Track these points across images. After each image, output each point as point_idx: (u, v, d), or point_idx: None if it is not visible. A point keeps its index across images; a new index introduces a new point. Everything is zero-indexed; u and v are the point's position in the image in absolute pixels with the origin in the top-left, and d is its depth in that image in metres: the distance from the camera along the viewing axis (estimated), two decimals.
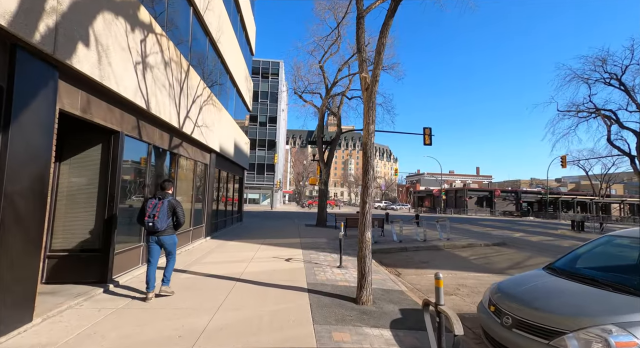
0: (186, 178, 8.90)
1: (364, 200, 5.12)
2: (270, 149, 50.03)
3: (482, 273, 7.70)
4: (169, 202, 4.63)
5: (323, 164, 18.61)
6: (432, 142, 21.49)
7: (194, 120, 8.46)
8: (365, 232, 5.07)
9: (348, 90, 18.37)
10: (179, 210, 4.71)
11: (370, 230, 5.13)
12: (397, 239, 12.15)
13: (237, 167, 16.14)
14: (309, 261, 7.94)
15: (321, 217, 18.20)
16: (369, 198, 5.12)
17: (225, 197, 14.02)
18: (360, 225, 5.12)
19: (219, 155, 11.87)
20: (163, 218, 4.49)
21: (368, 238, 5.07)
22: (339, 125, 18.96)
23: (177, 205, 4.71)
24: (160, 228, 4.48)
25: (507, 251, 10.96)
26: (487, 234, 16.61)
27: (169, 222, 4.62)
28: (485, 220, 32.04)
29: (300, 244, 10.60)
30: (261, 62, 50.17)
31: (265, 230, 14.59)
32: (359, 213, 5.19)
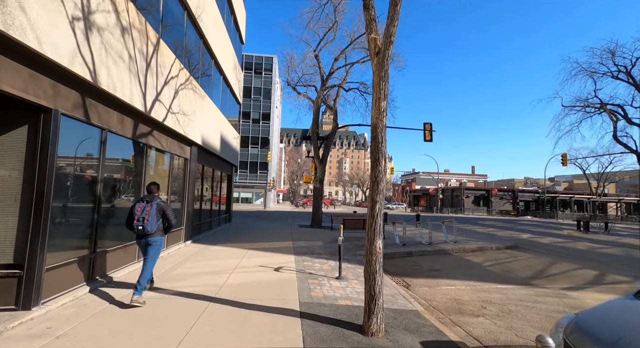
0: (159, 173, 7.64)
1: (374, 199, 3.95)
2: (263, 147, 48.66)
3: (504, 284, 6.60)
4: (158, 204, 4.60)
5: (318, 160, 17.44)
6: (432, 138, 20.49)
7: (167, 105, 7.20)
8: (375, 239, 3.91)
9: (345, 82, 17.22)
10: (169, 212, 4.67)
11: (381, 237, 3.97)
12: (400, 242, 11.04)
13: (224, 164, 14.87)
14: (303, 270, 6.76)
15: (316, 217, 17.03)
16: (380, 196, 3.95)
17: (211, 196, 12.76)
18: (369, 231, 3.96)
19: (202, 149, 10.61)
20: (152, 221, 4.46)
21: (379, 249, 3.91)
22: (335, 120, 17.79)
23: (167, 208, 4.68)
24: (150, 231, 4.44)
25: (522, 255, 9.91)
26: (493, 235, 15.62)
27: (158, 225, 4.60)
28: (485, 220, 31.21)
29: (293, 249, 9.42)
30: (254, 57, 48.72)
31: (256, 232, 13.36)
32: (368, 215, 4.02)
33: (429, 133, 20.36)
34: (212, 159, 12.49)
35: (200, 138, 9.90)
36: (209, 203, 12.61)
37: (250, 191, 49.39)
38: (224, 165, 14.89)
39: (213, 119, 11.61)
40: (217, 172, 13.77)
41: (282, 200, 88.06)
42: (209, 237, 11.24)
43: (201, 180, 11.22)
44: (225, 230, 13.65)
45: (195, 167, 9.96)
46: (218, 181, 14.10)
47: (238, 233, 12.76)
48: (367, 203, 51.63)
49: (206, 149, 10.96)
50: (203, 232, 11.47)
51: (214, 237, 11.18)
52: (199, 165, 10.89)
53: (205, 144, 10.60)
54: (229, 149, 15.07)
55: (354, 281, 6.15)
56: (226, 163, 15.16)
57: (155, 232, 4.54)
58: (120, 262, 5.84)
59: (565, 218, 40.86)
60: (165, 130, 7.50)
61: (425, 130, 20.32)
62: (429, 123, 20.45)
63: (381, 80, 3.88)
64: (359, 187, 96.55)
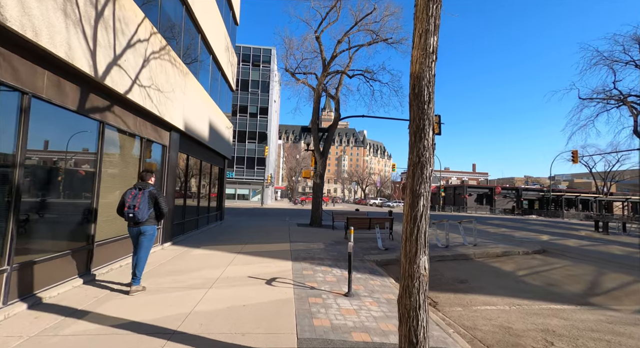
0: (126, 161, 6.19)
1: (417, 192, 2.52)
2: (260, 142, 47.12)
3: (557, 303, 5.21)
4: (150, 192, 4.52)
5: (319, 153, 16.00)
6: (441, 132, 19.09)
7: (133, 74, 5.73)
8: (418, 255, 2.49)
9: (348, 68, 15.74)
10: (161, 200, 4.60)
11: (426, 252, 2.55)
12: None
13: (215, 156, 13.40)
14: (302, 284, 5.35)
15: (316, 216, 15.62)
16: (426, 187, 2.53)
17: (198, 191, 11.31)
18: (408, 242, 2.54)
19: (186, 136, 9.15)
20: (144, 209, 4.39)
21: (424, 269, 2.49)
22: (337, 109, 16.34)
23: (159, 195, 4.61)
24: (141, 219, 4.37)
25: (557, 262, 8.54)
26: (509, 237, 14.26)
27: (150, 213, 4.52)
28: (492, 219, 29.93)
29: (291, 253, 8.02)
30: (251, 48, 47.01)
31: (249, 232, 11.94)
32: (406, 217, 2.59)
33: (438, 126, 18.96)
34: (200, 149, 11.03)
35: (182, 122, 8.43)
36: (196, 199, 11.16)
37: (247, 188, 47.91)
38: (215, 158, 13.42)
39: (199, 102, 10.14)
40: (206, 165, 12.31)
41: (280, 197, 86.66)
42: (193, 237, 9.81)
43: (185, 173, 9.78)
44: (215, 230, 12.21)
45: (177, 157, 8.50)
46: (207, 175, 12.64)
47: (228, 234, 11.33)
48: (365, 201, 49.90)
49: (191, 137, 9.50)
50: (188, 231, 10.04)
51: (199, 238, 9.75)
52: (182, 154, 9.43)
53: (190, 130, 9.14)
54: (221, 139, 13.60)
55: (368, 300, 4.75)
56: (217, 155, 13.69)
57: (147, 221, 4.49)
58: (53, 278, 4.42)
59: (571, 218, 39.69)
60: (132, 107, 6.04)
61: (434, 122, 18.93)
62: (437, 115, 19.03)
63: (431, 1, 2.45)
64: (358, 185, 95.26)
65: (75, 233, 4.81)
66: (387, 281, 5.96)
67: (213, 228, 12.53)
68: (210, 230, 12.09)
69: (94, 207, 5.11)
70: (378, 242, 9.51)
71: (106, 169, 5.42)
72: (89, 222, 5.05)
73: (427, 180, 2.52)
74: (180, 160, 9.29)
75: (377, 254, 8.40)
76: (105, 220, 5.48)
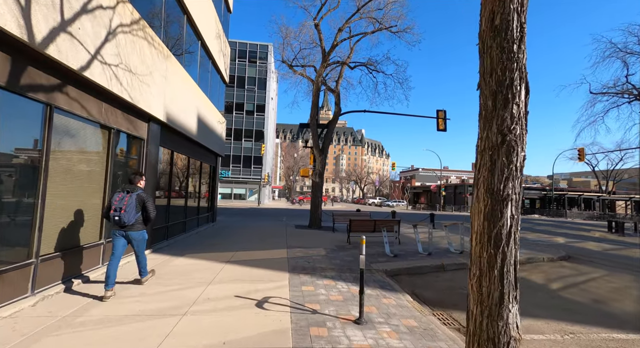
0: (87, 155, 5.12)
1: (498, 193, 1.49)
2: (257, 140, 46.01)
3: (619, 330, 4.21)
4: (138, 195, 4.43)
5: (318, 150, 14.97)
6: (446, 128, 18.14)
7: (92, 48, 4.66)
8: (505, 305, 1.45)
9: (349, 59, 14.70)
10: (149, 205, 4.54)
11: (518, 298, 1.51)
12: (425, 250, 8.67)
13: (205, 152, 12.33)
14: (301, 305, 4.32)
15: (315, 217, 14.61)
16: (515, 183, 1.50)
17: (185, 191, 10.24)
18: (482, 280, 1.51)
19: (169, 129, 8.08)
20: (130, 212, 4.28)
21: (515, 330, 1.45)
22: (338, 104, 15.31)
23: (147, 199, 4.53)
24: (127, 222, 4.25)
25: (591, 271, 7.56)
26: (523, 240, 13.31)
27: (137, 217, 4.42)
28: None
29: (288, 261, 6.99)
30: (248, 44, 45.86)
31: (243, 235, 10.90)
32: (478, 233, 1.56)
33: (443, 121, 17.99)
34: (187, 145, 9.96)
35: (163, 112, 7.37)
36: (184, 199, 10.10)
37: (244, 187, 46.83)
38: (205, 155, 12.35)
39: (186, 91, 9.07)
40: (195, 162, 11.24)
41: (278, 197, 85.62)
42: (179, 243, 8.75)
43: (169, 171, 8.71)
44: (205, 233, 11.15)
45: (157, 152, 7.43)
46: (196, 173, 11.57)
47: (219, 238, 10.28)
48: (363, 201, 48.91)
49: (176, 130, 8.43)
50: (173, 236, 8.98)
51: (185, 244, 8.69)
52: (166, 150, 8.37)
53: (174, 122, 8.08)
54: (212, 134, 12.53)
55: (385, 329, 3.73)
56: (208, 152, 12.62)
57: (134, 225, 4.40)
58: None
59: (574, 217, 38.93)
60: (93, 89, 4.97)
61: (439, 118, 17.97)
62: (442, 110, 18.09)
63: None
64: (357, 184, 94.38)
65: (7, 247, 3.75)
66: (403, 299, 4.94)
67: (203, 232, 11.47)
68: (200, 233, 11.03)
69: (37, 213, 4.04)
70: (386, 247, 8.50)
71: (57, 165, 4.35)
72: (26, 231, 3.98)
73: (517, 173, 1.49)
74: (164, 156, 8.23)
75: (386, 262, 7.39)
76: (56, 228, 4.42)
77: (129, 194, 4.34)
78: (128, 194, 4.34)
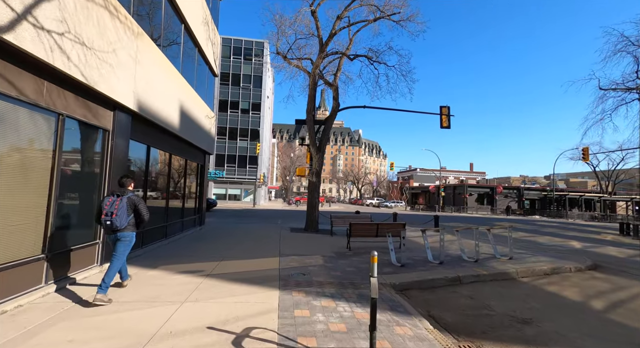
0: (22, 145, 4.06)
1: None
2: (253, 140, 44.88)
3: None
4: (129, 198, 4.35)
5: (315, 148, 13.96)
6: (450, 125, 17.21)
7: (21, 7, 3.60)
8: None
9: (349, 50, 13.70)
10: (141, 207, 4.46)
11: None
12: (436, 259, 7.68)
13: (190, 149, 11.26)
14: (292, 340, 3.29)
15: (311, 219, 13.58)
16: None
17: (166, 192, 9.16)
18: None
19: (142, 120, 7.01)
20: (122, 216, 4.22)
21: None
22: (336, 98, 14.29)
23: (139, 202, 4.45)
24: (119, 226, 4.20)
25: (631, 285, 6.56)
26: (534, 243, 12.39)
27: (129, 220, 4.36)
28: (501, 221, 28.20)
29: (279, 273, 5.97)
30: (243, 41, 44.74)
31: (231, 240, 9.84)
32: None
33: (447, 118, 17.03)
34: (167, 140, 8.89)
35: (134, 100, 6.30)
36: (164, 201, 9.02)
37: (239, 187, 45.67)
38: (191, 151, 11.27)
39: (165, 79, 8.01)
40: (179, 160, 10.17)
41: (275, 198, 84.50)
42: (156, 251, 7.68)
43: (145, 168, 7.63)
44: (189, 238, 10.07)
45: (126, 146, 6.35)
46: (180, 172, 10.50)
47: (204, 243, 9.23)
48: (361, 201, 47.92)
49: (152, 122, 7.37)
50: (150, 243, 7.90)
51: (163, 252, 7.62)
52: (140, 145, 7.30)
53: (149, 112, 7.01)
54: (199, 130, 11.47)
55: None
56: (194, 148, 11.54)
57: (125, 227, 4.29)
58: None
59: (576, 218, 38.25)
60: (25, 61, 3.91)
61: (442, 114, 17.01)
62: (446, 106, 17.16)
63: None
64: (354, 184, 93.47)
65: None
66: (421, 326, 3.93)
67: (187, 237, 10.39)
68: (184, 238, 9.95)
69: None
70: (391, 255, 7.49)
71: None
72: None
73: None
74: (136, 152, 7.15)
75: (393, 274, 6.38)
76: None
77: (119, 198, 4.26)
78: (118, 198, 4.26)
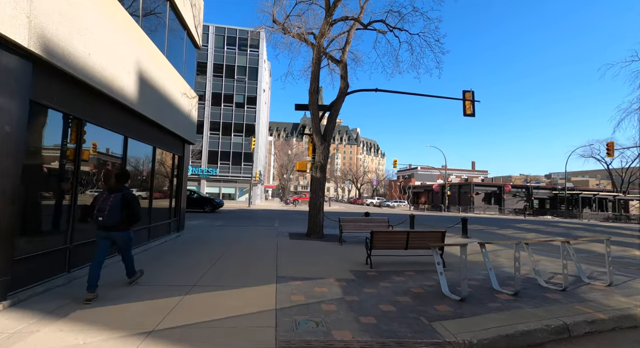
0: None
1: None
2: (248, 135, 42.30)
3: None
4: (123, 195, 4.24)
5: (319, 137, 11.56)
6: (475, 112, 14.89)
7: None
8: None
9: (362, 14, 11.26)
10: (135, 205, 4.35)
11: None
12: (500, 285, 5.30)
13: (164, 135, 8.78)
14: None
15: (315, 223, 11.18)
16: None
17: None
18: None
19: (66, 77, 4.54)
20: (114, 213, 4.12)
21: None
22: (345, 77, 11.87)
23: (133, 199, 4.35)
24: (111, 223, 4.11)
25: None
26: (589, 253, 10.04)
27: (122, 217, 4.25)
28: (517, 222, 25.94)
29: (276, 319, 3.53)
30: (237, 30, 42.09)
31: (214, 253, 7.38)
32: None
33: (471, 104, 14.71)
34: (121, 117, 6.40)
35: (32, 33, 3.83)
36: None
37: (233, 186, 43.10)
38: (162, 138, 8.78)
39: (109, 24, 5.53)
40: (143, 148, 7.68)
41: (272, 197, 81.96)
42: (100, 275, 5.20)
43: (76, 153, 5.14)
44: (156, 251, 7.58)
45: (22, 109, 3.86)
46: (145, 163, 8.02)
47: (174, 259, 6.77)
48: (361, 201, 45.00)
49: (88, 85, 4.91)
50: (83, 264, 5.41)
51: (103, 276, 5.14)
52: (58, 114, 4.81)
53: (71, 62, 4.54)
54: (174, 111, 9.00)
55: None
56: (167, 134, 9.06)
57: (117, 226, 4.21)
58: None
59: (590, 219, 36.17)
60: None
61: (466, 100, 14.70)
62: (469, 91, 14.84)
63: None
64: (353, 183, 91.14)
65: None
66: None
67: (155, 249, 7.90)
68: (149, 251, 7.47)
69: None
70: (441, 282, 5.05)
71: None
72: None
73: None
74: (51, 124, 4.67)
75: (454, 317, 3.98)
76: None
77: (112, 194, 4.20)
78: (112, 194, 4.19)
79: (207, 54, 41.26)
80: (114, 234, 4.24)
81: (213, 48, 41.65)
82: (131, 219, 4.38)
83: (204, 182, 41.69)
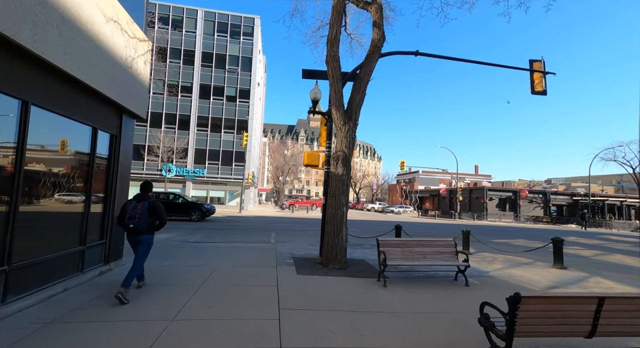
0: None
1: None
2: (240, 132, 38.12)
3: None
4: (150, 203, 4.62)
5: (341, 113, 7.57)
6: (546, 90, 11.09)
7: None
8: None
9: None
10: (160, 212, 4.67)
11: None
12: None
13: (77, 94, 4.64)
14: None
15: (335, 245, 7.16)
16: None
17: None
18: None
19: None
20: (144, 220, 4.49)
21: None
22: (380, 26, 7.94)
23: (158, 207, 4.67)
24: (141, 229, 4.48)
25: None
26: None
27: (150, 223, 4.60)
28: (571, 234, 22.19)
29: None
30: (229, 16, 38.09)
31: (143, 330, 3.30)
32: None
33: (542, 78, 10.89)
34: None
35: None
36: None
37: (223, 189, 38.74)
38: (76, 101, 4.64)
39: None
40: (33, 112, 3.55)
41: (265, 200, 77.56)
42: None
43: None
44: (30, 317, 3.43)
45: None
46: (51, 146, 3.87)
47: None
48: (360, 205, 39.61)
49: None
50: None
51: None
52: None
53: None
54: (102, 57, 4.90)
55: None
56: (86, 94, 4.92)
57: (146, 230, 4.56)
58: None
59: (620, 228, 32.72)
60: None
61: (534, 71, 10.89)
62: (538, 60, 11.06)
63: None
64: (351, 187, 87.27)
65: None
66: None
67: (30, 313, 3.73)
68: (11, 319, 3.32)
69: None
70: None
71: None
72: None
73: None
74: None
75: None
76: None
77: (140, 203, 4.54)
78: (140, 203, 4.53)
79: (195, 41, 37.17)
80: (143, 237, 4.56)
81: (202, 35, 37.57)
82: (159, 224, 4.69)
83: (190, 184, 37.28)
